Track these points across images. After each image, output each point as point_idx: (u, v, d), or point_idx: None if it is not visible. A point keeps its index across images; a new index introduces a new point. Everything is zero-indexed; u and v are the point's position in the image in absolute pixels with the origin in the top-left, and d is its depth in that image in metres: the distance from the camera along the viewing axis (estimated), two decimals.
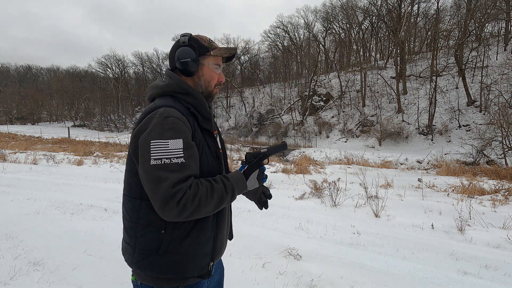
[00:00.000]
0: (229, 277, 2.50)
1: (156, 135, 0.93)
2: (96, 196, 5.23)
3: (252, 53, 48.87)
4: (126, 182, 1.06)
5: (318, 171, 9.88)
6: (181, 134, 0.95)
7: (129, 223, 1.03)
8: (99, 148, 18.08)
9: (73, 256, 2.75)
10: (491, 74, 22.59)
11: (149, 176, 0.91)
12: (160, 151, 0.91)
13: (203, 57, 1.11)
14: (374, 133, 25.69)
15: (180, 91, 1.07)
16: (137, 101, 57.04)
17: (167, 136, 0.93)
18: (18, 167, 8.54)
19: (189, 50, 1.07)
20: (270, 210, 4.77)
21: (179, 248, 1.00)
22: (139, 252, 1.00)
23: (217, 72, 1.15)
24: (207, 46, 1.11)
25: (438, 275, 2.71)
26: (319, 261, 2.90)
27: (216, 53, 1.12)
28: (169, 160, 0.91)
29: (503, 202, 5.67)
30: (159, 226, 0.98)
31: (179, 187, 0.89)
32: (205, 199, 0.93)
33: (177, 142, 0.93)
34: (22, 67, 76.20)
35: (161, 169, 0.90)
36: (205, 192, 0.94)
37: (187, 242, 1.00)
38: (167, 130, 0.93)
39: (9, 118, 58.67)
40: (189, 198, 0.90)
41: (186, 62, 1.07)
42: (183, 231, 1.00)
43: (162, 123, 0.94)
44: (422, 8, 34.27)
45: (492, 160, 14.10)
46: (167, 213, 0.89)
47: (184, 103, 1.06)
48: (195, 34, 1.13)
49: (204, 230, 1.04)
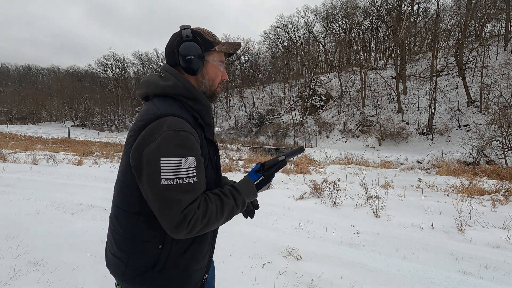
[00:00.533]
0: (229, 277, 2.50)
1: (166, 151, 0.83)
2: (96, 196, 5.22)
3: (252, 53, 48.97)
4: (121, 195, 0.96)
5: (318, 171, 9.88)
6: (193, 151, 0.87)
7: (122, 238, 0.94)
8: (99, 148, 18.08)
9: (73, 256, 2.75)
10: (491, 74, 22.60)
11: (159, 196, 0.83)
12: (172, 171, 0.83)
13: (207, 53, 1.00)
14: (374, 133, 25.70)
15: (186, 95, 0.95)
16: (137, 101, 57.00)
17: (179, 153, 0.84)
18: (18, 167, 8.54)
19: (195, 46, 0.95)
20: (270, 210, 4.77)
21: (177, 264, 0.94)
22: (132, 269, 0.93)
23: (221, 70, 1.04)
24: (211, 41, 0.99)
25: (438, 275, 2.70)
26: (319, 261, 2.90)
27: (221, 48, 1.01)
28: (181, 180, 0.84)
29: (503, 202, 5.66)
30: (157, 242, 0.91)
31: (189, 208, 0.84)
32: (214, 216, 0.88)
33: (189, 160, 0.85)
34: (22, 67, 76.31)
35: (173, 190, 0.83)
36: (215, 210, 0.89)
37: (185, 257, 0.95)
38: (179, 146, 0.84)
39: (9, 118, 58.68)
40: (199, 218, 0.85)
41: (191, 59, 0.95)
42: (182, 246, 0.94)
43: (173, 137, 0.84)
44: (422, 8, 34.35)
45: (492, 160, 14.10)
46: (177, 234, 0.84)
47: (190, 110, 0.95)
48: (196, 27, 1.01)
49: (202, 244, 1.00)
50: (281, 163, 1.08)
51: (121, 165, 0.96)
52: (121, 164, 0.96)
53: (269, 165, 1.05)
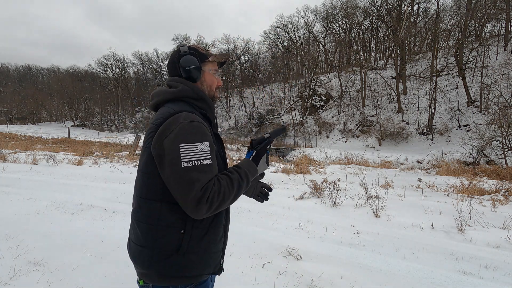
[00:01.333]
0: (229, 277, 2.50)
1: (184, 138, 0.97)
2: (96, 196, 5.22)
3: (252, 53, 48.94)
4: (143, 185, 1.07)
5: (318, 171, 9.88)
6: (206, 137, 1.01)
7: (146, 225, 1.04)
8: (99, 148, 18.08)
9: (73, 256, 2.75)
10: (491, 74, 22.59)
11: (180, 178, 0.95)
12: (190, 154, 0.96)
13: (203, 63, 1.18)
14: (374, 133, 25.70)
15: (194, 97, 1.12)
16: (137, 101, 57.03)
17: (195, 139, 0.98)
18: (18, 167, 8.54)
19: (193, 58, 1.13)
20: (270, 210, 4.77)
21: (198, 247, 1.04)
22: (158, 254, 1.02)
23: (216, 77, 1.22)
24: (205, 54, 1.18)
25: (438, 275, 2.70)
26: (319, 261, 2.90)
27: (214, 59, 1.19)
28: (199, 162, 0.96)
29: (503, 202, 5.66)
30: (179, 226, 1.02)
31: (207, 185, 0.95)
32: (228, 191, 1.00)
33: (204, 145, 0.99)
34: (22, 67, 76.28)
35: (193, 170, 0.95)
36: (226, 185, 1.00)
37: (205, 241, 1.06)
38: (195, 133, 0.98)
39: (9, 118, 58.67)
40: (215, 194, 0.96)
41: (190, 69, 1.12)
42: (201, 231, 1.05)
43: (188, 127, 0.98)
44: (422, 8, 34.32)
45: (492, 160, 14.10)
46: (199, 212, 0.94)
47: (197, 109, 1.11)
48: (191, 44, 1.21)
49: (218, 228, 1.11)
50: (268, 139, 1.22)
51: (141, 160, 1.09)
52: (141, 159, 1.09)
53: (257, 141, 1.21)
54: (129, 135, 32.74)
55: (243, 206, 4.86)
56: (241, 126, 38.17)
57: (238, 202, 5.13)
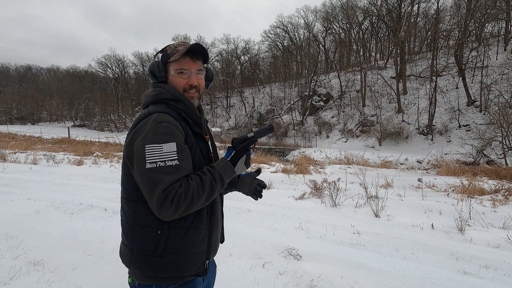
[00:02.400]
0: (229, 277, 2.50)
1: (150, 140, 0.97)
2: (96, 196, 5.23)
3: (252, 53, 48.91)
4: (122, 186, 1.09)
5: (318, 171, 9.88)
6: (174, 137, 0.99)
7: (127, 225, 1.06)
8: (99, 148, 18.08)
9: (73, 256, 2.75)
10: (491, 74, 22.57)
11: (145, 179, 0.95)
12: (155, 155, 0.96)
13: (167, 65, 1.15)
14: (374, 133, 25.68)
15: (171, 98, 1.12)
16: (137, 101, 56.95)
17: (160, 140, 0.97)
18: (18, 167, 8.54)
19: (153, 63, 1.15)
20: (270, 210, 4.77)
21: (177, 248, 1.03)
22: (137, 253, 1.03)
23: (184, 77, 1.14)
24: (169, 54, 1.14)
25: (438, 275, 2.70)
26: (319, 261, 2.90)
27: (175, 57, 1.13)
28: (163, 163, 0.95)
29: (503, 202, 5.67)
30: (155, 227, 1.01)
31: (171, 187, 0.93)
32: (197, 192, 0.97)
33: (170, 145, 0.97)
34: (22, 67, 76.30)
35: (157, 172, 0.94)
36: (196, 186, 0.97)
37: (183, 242, 1.04)
38: (161, 134, 0.98)
39: (9, 118, 58.67)
40: (182, 196, 0.93)
41: (150, 74, 1.16)
42: (179, 231, 1.03)
43: (155, 128, 0.98)
44: (422, 8, 34.25)
45: (492, 160, 14.11)
46: (163, 213, 0.93)
47: (175, 109, 1.11)
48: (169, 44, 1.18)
49: (199, 230, 1.08)
50: (251, 139, 1.16)
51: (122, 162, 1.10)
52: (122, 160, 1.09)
53: (238, 141, 1.16)
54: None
55: (243, 206, 4.86)
56: (241, 126, 38.15)
57: (238, 202, 5.13)
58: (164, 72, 1.15)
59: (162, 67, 1.15)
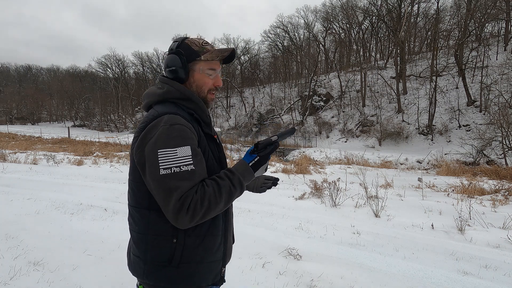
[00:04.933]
0: (229, 277, 2.50)
1: (163, 143, 0.90)
2: (96, 196, 5.22)
3: (252, 53, 48.89)
4: (132, 192, 1.02)
5: (318, 171, 9.88)
6: (188, 141, 0.93)
7: (139, 235, 0.99)
8: (99, 148, 18.08)
9: (73, 256, 2.75)
10: (491, 74, 22.57)
11: (159, 186, 0.89)
12: (169, 160, 0.89)
13: (193, 62, 1.06)
14: (374, 133, 25.69)
15: (181, 97, 1.04)
16: (137, 101, 56.97)
17: (174, 144, 0.90)
18: (18, 167, 8.54)
19: (175, 58, 1.04)
20: (270, 210, 4.77)
21: (193, 257, 0.97)
22: (150, 265, 0.97)
23: (211, 77, 1.09)
24: (197, 51, 1.06)
25: (438, 275, 2.70)
26: (319, 261, 2.90)
27: (207, 57, 1.06)
28: (178, 169, 0.89)
29: (503, 202, 5.66)
30: (170, 235, 0.95)
31: (187, 194, 0.87)
32: (214, 199, 0.91)
33: (185, 149, 0.91)
34: (22, 67, 76.26)
35: (172, 178, 0.88)
36: (213, 193, 0.91)
37: (200, 250, 0.98)
38: (174, 138, 0.91)
39: (9, 118, 58.68)
40: (198, 203, 0.88)
41: (172, 70, 1.05)
42: (195, 239, 0.98)
43: (168, 131, 0.91)
44: (422, 8, 34.24)
45: (492, 160, 14.11)
46: (180, 222, 0.88)
47: (186, 109, 1.03)
48: (188, 38, 1.09)
49: (215, 236, 1.03)
50: (275, 143, 1.09)
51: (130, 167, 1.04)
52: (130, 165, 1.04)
53: (263, 145, 1.07)
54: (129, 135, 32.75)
55: (243, 206, 4.86)
56: (241, 126, 38.15)
57: (238, 202, 5.13)
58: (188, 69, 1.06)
59: (186, 63, 1.05)
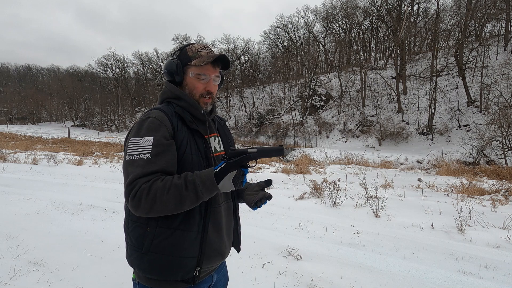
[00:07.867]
0: (229, 277, 2.50)
1: (133, 134, 1.01)
2: (96, 196, 5.22)
3: (252, 53, 48.89)
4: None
5: (318, 171, 9.88)
6: (153, 133, 0.99)
7: (124, 220, 1.10)
8: (99, 148, 18.08)
9: (73, 256, 2.75)
10: (491, 74, 22.57)
11: (123, 170, 0.99)
12: (133, 148, 0.98)
13: (186, 67, 1.13)
14: (374, 133, 25.68)
15: (172, 96, 1.14)
16: (137, 101, 56.98)
17: (141, 134, 0.99)
18: (18, 167, 8.54)
19: (171, 62, 1.13)
20: (270, 210, 4.77)
21: (161, 247, 0.99)
22: (130, 248, 1.05)
23: (202, 82, 1.13)
24: (190, 56, 1.13)
25: (438, 275, 2.70)
26: (319, 261, 2.90)
27: (196, 62, 1.11)
28: (138, 156, 0.96)
29: (503, 202, 5.67)
30: (144, 223, 1.01)
31: (137, 181, 0.92)
32: (161, 194, 0.90)
33: (147, 139, 0.98)
34: (22, 67, 76.32)
35: (130, 164, 0.96)
36: (162, 187, 0.90)
37: (169, 242, 0.99)
38: (143, 129, 1.00)
39: (9, 118, 58.66)
40: (144, 192, 0.90)
41: (166, 72, 1.15)
42: (166, 231, 1.00)
43: (140, 123, 1.02)
44: (422, 8, 34.26)
45: (492, 160, 14.11)
46: (130, 207, 0.93)
47: (176, 107, 1.11)
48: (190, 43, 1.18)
49: (188, 232, 1.01)
50: (247, 156, 0.98)
51: None
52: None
53: (235, 153, 0.99)
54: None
55: (243, 206, 4.85)
56: (241, 126, 38.16)
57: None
58: (182, 73, 1.14)
59: (180, 67, 1.13)
